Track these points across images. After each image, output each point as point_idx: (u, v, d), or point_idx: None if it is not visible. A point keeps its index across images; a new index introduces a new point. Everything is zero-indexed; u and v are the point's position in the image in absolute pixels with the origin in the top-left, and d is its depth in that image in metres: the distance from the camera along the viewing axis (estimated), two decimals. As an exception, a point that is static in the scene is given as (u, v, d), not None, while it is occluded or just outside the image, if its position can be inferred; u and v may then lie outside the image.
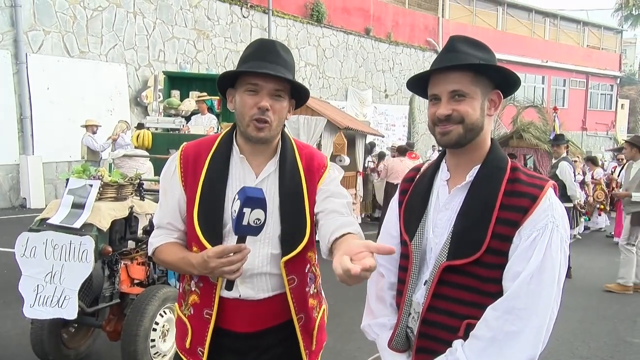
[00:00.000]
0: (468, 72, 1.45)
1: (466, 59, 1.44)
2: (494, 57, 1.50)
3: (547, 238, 1.37)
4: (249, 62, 1.54)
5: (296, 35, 17.32)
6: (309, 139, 8.31)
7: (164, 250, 1.65)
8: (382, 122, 20.20)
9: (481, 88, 1.47)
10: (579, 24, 30.39)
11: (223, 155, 1.62)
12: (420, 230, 1.54)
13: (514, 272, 1.37)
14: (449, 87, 1.45)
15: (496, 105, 1.52)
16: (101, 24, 12.33)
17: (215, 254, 1.42)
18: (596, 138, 31.12)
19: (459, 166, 1.54)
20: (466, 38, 1.51)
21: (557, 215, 1.40)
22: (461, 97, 1.45)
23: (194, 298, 1.65)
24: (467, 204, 1.47)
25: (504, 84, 1.52)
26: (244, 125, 1.56)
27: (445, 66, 1.46)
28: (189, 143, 1.68)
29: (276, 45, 1.59)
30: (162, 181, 1.69)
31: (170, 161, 1.67)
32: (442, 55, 1.50)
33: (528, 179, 1.46)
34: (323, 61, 18.33)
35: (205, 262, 1.44)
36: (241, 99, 1.55)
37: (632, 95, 35.60)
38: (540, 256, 1.35)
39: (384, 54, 20.88)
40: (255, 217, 1.36)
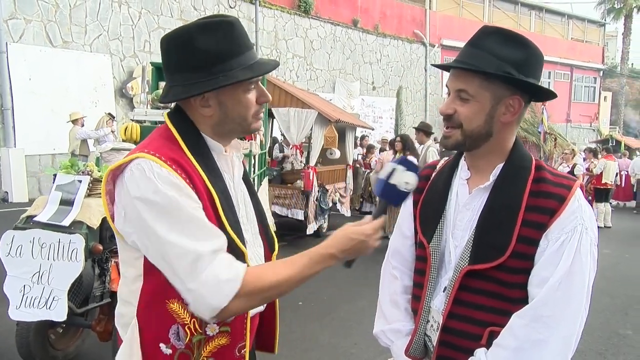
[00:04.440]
0: (478, 75, 1.35)
1: (481, 62, 1.33)
2: (531, 56, 1.37)
3: (576, 241, 1.30)
4: (239, 57, 1.30)
5: (283, 26, 17.13)
6: (299, 132, 8.20)
7: (262, 272, 1.28)
8: (369, 114, 20.13)
9: (492, 93, 1.36)
10: (563, 17, 30.56)
11: (205, 155, 1.35)
12: (438, 231, 1.46)
13: (542, 278, 1.30)
14: (456, 85, 1.38)
15: (515, 111, 1.39)
16: (85, 13, 12.04)
17: (375, 230, 1.34)
18: (580, 130, 31.41)
19: (480, 165, 1.46)
20: (498, 30, 1.38)
21: (586, 217, 1.33)
22: (466, 99, 1.37)
23: (218, 343, 1.34)
24: (490, 205, 1.39)
25: (528, 90, 1.40)
26: (247, 124, 1.37)
27: (453, 66, 1.38)
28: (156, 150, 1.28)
29: (241, 25, 1.36)
30: (180, 198, 1.22)
31: (165, 175, 1.23)
32: (464, 48, 1.41)
33: (554, 179, 1.38)
34: (311, 53, 18.18)
35: (362, 243, 1.32)
36: (240, 100, 1.34)
37: (614, 88, 35.98)
38: (569, 261, 1.28)
39: (372, 46, 20.78)
40: (406, 179, 1.34)
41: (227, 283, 1.20)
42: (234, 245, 1.29)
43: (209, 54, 1.28)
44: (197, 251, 1.19)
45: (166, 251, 1.20)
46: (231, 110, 1.35)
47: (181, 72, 1.31)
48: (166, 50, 1.34)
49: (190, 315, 1.27)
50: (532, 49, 1.37)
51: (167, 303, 1.28)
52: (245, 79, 1.30)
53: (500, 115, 1.38)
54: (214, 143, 1.38)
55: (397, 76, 21.92)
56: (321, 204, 8.64)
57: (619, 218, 12.49)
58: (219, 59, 1.29)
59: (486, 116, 1.37)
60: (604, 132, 31.74)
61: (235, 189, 1.42)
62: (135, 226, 1.24)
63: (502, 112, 1.38)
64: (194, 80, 1.29)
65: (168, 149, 1.29)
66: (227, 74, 1.28)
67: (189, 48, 1.28)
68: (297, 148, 9.52)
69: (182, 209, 1.21)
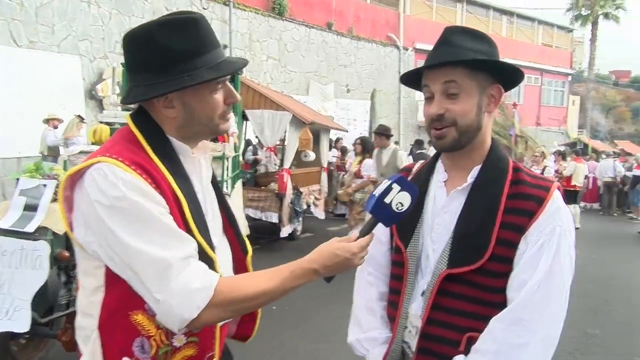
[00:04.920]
0: (462, 68, 1.34)
1: (461, 54, 1.34)
2: (494, 48, 1.40)
3: (554, 244, 1.29)
4: (205, 56, 1.24)
5: (257, 28, 17.03)
6: (273, 134, 8.15)
7: (238, 283, 1.24)
8: (343, 116, 20.15)
9: (478, 83, 1.36)
10: (533, 22, 31.18)
11: (171, 157, 1.28)
12: (416, 236, 1.44)
13: (520, 281, 1.29)
14: (441, 80, 1.35)
15: (496, 101, 1.41)
16: (52, 13, 11.73)
17: (362, 248, 1.27)
18: (549, 133, 32.05)
19: (458, 167, 1.44)
20: (463, 28, 1.40)
21: (565, 218, 1.33)
22: (455, 95, 1.34)
23: (186, 354, 1.27)
24: (468, 207, 1.37)
25: (505, 77, 1.41)
26: (214, 125, 1.30)
27: (435, 64, 1.36)
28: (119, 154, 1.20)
29: (206, 21, 1.29)
30: (145, 203, 1.15)
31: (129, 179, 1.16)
32: (435, 49, 1.39)
33: (532, 180, 1.38)
34: (285, 55, 18.11)
35: (346, 260, 1.25)
36: (206, 100, 1.26)
37: (582, 92, 36.91)
38: (548, 263, 1.28)
39: (346, 49, 20.83)
40: (400, 200, 1.28)
41: (198, 292, 1.14)
42: (202, 252, 1.22)
43: (172, 53, 1.22)
44: (166, 259, 1.13)
45: (132, 260, 1.14)
46: (197, 111, 1.28)
47: (143, 71, 1.24)
48: (128, 49, 1.27)
49: (156, 327, 1.21)
50: (493, 44, 1.40)
51: (131, 315, 1.21)
52: (210, 78, 1.24)
53: (486, 107, 1.39)
54: (180, 145, 1.31)
55: (371, 79, 22.03)
56: (295, 207, 8.60)
57: (586, 220, 12.77)
58: (183, 58, 1.22)
59: (477, 108, 1.37)
60: (572, 135, 32.55)
61: (204, 192, 1.36)
62: (97, 234, 1.16)
63: (486, 103, 1.39)
64: (157, 81, 1.23)
65: (131, 152, 1.22)
66: (192, 73, 1.22)
67: (151, 46, 1.22)
68: (271, 150, 9.46)
69: (149, 215, 1.15)
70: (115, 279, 1.19)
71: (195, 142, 1.36)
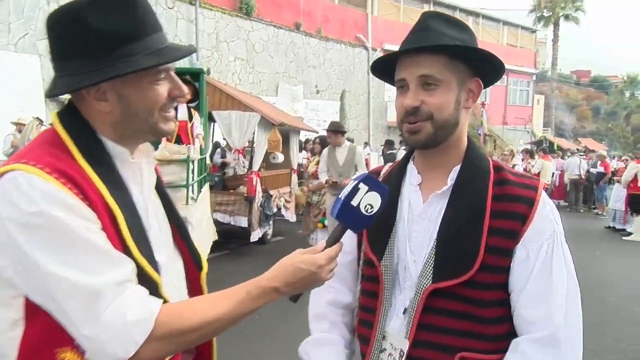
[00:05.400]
0: (442, 56, 1.21)
1: (440, 40, 1.20)
2: (474, 39, 1.27)
3: (560, 248, 1.21)
4: (144, 40, 1.06)
5: (225, 28, 16.76)
6: (241, 136, 7.95)
7: (184, 310, 1.06)
8: (313, 118, 20.02)
9: (457, 75, 1.23)
10: (498, 23, 31.70)
11: (105, 162, 1.09)
12: (390, 247, 1.29)
13: (538, 296, 1.18)
14: (418, 71, 1.21)
15: (475, 97, 1.28)
16: (8, 11, 11.25)
17: (330, 259, 1.11)
18: (515, 132, 32.64)
19: (433, 168, 1.31)
20: (441, 15, 1.27)
21: (557, 216, 1.25)
22: (433, 86, 1.21)
23: None
24: (450, 212, 1.24)
25: (486, 70, 1.28)
26: (153, 121, 1.11)
27: (413, 48, 1.21)
28: (38, 160, 1.01)
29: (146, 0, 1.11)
30: (69, 219, 0.96)
31: (49, 190, 0.97)
32: (412, 34, 1.26)
33: (517, 179, 1.26)
34: (253, 55, 17.88)
35: (312, 275, 1.09)
36: (145, 92, 1.09)
37: (546, 92, 37.80)
38: (564, 273, 1.20)
39: (315, 49, 20.73)
40: (369, 201, 1.14)
41: (136, 325, 0.96)
42: (143, 274, 1.03)
43: (104, 35, 1.03)
44: (94, 286, 0.94)
45: (53, 289, 0.94)
46: (134, 103, 1.09)
47: (71, 58, 1.05)
48: (52, 32, 1.07)
49: None
50: (473, 34, 1.29)
51: (58, 352, 1.00)
52: (150, 65, 1.05)
53: (464, 102, 1.27)
54: (115, 147, 1.12)
55: (341, 80, 21.99)
56: (265, 210, 8.41)
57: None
58: (117, 42, 1.04)
59: (455, 102, 1.24)
60: (537, 133, 33.26)
61: (146, 202, 1.16)
62: (10, 257, 0.96)
63: (465, 98, 1.27)
64: (87, 69, 1.04)
65: (53, 156, 1.02)
66: (128, 59, 1.04)
67: (79, 28, 1.03)
68: (240, 152, 9.25)
69: (73, 233, 0.96)
70: (37, 311, 0.99)
71: (134, 143, 1.17)
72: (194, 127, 5.65)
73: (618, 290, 6.80)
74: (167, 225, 1.24)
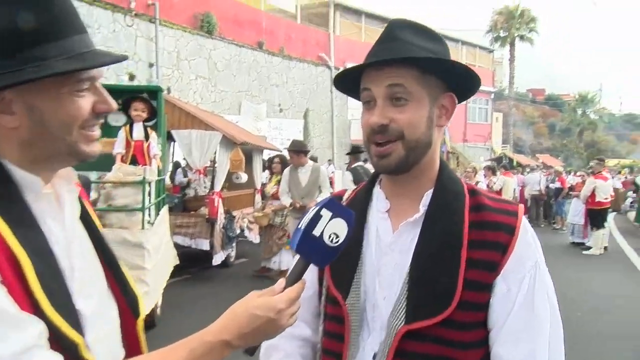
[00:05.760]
0: (412, 68, 1.07)
1: (410, 51, 1.07)
2: (447, 49, 1.14)
3: (543, 280, 1.10)
4: (63, 41, 0.87)
5: (185, 46, 16.51)
6: (202, 155, 7.71)
7: None
8: (277, 136, 19.89)
9: (429, 90, 1.10)
10: (457, 43, 32.51)
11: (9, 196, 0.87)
12: (356, 282, 1.13)
13: (520, 333, 1.07)
14: (386, 82, 1.07)
15: (448, 114, 1.15)
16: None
17: (291, 302, 0.94)
18: (475, 149, 33.34)
19: (403, 193, 1.16)
20: (410, 23, 1.14)
21: (539, 245, 1.13)
22: (403, 101, 1.07)
23: None
24: (424, 243, 1.10)
25: (460, 85, 1.16)
26: (71, 140, 0.91)
27: (381, 60, 1.08)
28: None
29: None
30: None
31: None
32: (378, 45, 1.12)
33: (495, 204, 1.13)
34: (215, 74, 17.66)
35: (270, 323, 0.92)
36: (63, 104, 0.89)
37: (504, 109, 38.87)
38: (547, 308, 1.09)
39: (277, 68, 20.68)
40: (334, 229, 0.97)
41: None
42: (59, 334, 0.83)
43: (10, 34, 0.83)
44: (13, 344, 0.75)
45: None
46: (49, 119, 0.88)
47: None
48: None
49: None
50: (446, 45, 1.16)
51: None
52: (68, 70, 0.86)
53: (437, 119, 1.13)
54: (24, 176, 0.89)
55: (304, 98, 21.98)
56: (228, 232, 8.16)
57: (516, 232, 13.09)
58: (27, 42, 0.84)
59: (427, 120, 1.11)
60: (497, 150, 34.08)
61: (69, 239, 0.95)
62: None
63: (437, 115, 1.14)
64: None
65: None
66: (40, 63, 0.84)
67: None
68: (201, 173, 8.99)
69: None
70: None
71: (50, 168, 0.95)
72: (150, 147, 5.39)
73: (581, 305, 6.84)
74: (98, 263, 1.03)
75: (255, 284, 7.54)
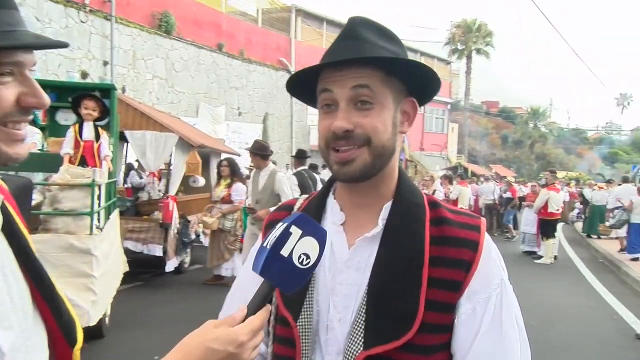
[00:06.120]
0: (378, 70, 0.99)
1: (375, 51, 0.98)
2: (405, 51, 1.06)
3: (509, 300, 1.03)
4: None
5: (142, 45, 16.06)
6: (157, 157, 7.44)
7: None
8: (235, 140, 19.61)
9: (393, 94, 1.02)
10: (416, 54, 33.05)
11: None
12: (308, 301, 1.03)
13: (489, 358, 1.00)
14: (351, 83, 0.98)
15: (410, 120, 1.07)
16: None
17: (253, 333, 0.81)
18: (432, 158, 33.95)
19: (360, 205, 1.07)
20: (372, 22, 1.04)
21: (502, 261, 1.07)
22: (368, 105, 0.98)
23: None
24: (383, 260, 1.01)
25: (422, 89, 1.08)
26: None
27: (347, 59, 0.98)
28: None
29: None
30: None
31: None
32: (339, 43, 1.02)
33: (457, 218, 1.05)
34: (173, 75, 17.25)
35: (230, 358, 0.79)
36: None
37: (459, 120, 39.84)
38: (516, 330, 1.02)
39: (237, 71, 20.43)
40: (304, 249, 0.86)
41: None
42: None
43: None
44: None
45: None
46: None
47: None
48: None
49: None
50: (404, 46, 1.08)
51: None
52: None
53: (400, 125, 1.05)
54: None
55: (264, 102, 21.80)
56: (182, 237, 7.91)
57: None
58: None
59: (392, 125, 1.02)
60: (452, 160, 34.84)
61: None
62: None
63: (400, 121, 1.06)
64: None
65: None
66: None
67: None
68: (155, 175, 8.68)
69: None
70: None
71: None
72: (101, 147, 5.13)
73: (535, 314, 6.96)
74: (23, 284, 0.86)
75: (210, 292, 7.31)
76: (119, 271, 5.65)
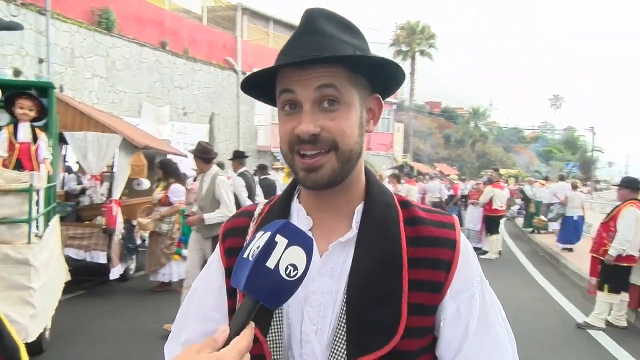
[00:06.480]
0: (343, 68, 0.92)
1: (341, 48, 0.92)
2: (367, 45, 1.00)
3: (491, 297, 1.03)
4: None
5: (81, 43, 15.35)
6: (99, 159, 7.10)
7: None
8: (180, 141, 19.12)
9: (359, 92, 0.96)
10: (362, 54, 33.53)
11: None
12: (278, 314, 0.96)
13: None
14: (315, 83, 0.91)
15: (376, 118, 1.02)
16: None
17: (239, 355, 0.73)
18: (378, 157, 34.42)
19: (330, 209, 1.01)
20: (332, 14, 0.97)
21: (477, 259, 1.05)
22: (336, 105, 0.92)
23: None
24: (360, 265, 0.95)
25: (386, 85, 1.03)
26: None
27: (306, 59, 0.90)
28: None
29: None
30: None
31: None
32: (299, 39, 0.94)
33: (430, 216, 1.02)
34: (113, 73, 16.60)
35: None
36: None
37: (404, 120, 40.63)
38: (503, 326, 1.02)
39: (182, 70, 19.92)
40: (291, 260, 0.78)
41: None
42: None
43: None
44: None
45: None
46: None
47: None
48: None
49: None
50: (365, 39, 1.02)
51: None
52: None
53: (365, 124, 1.00)
54: None
55: (210, 102, 21.38)
56: (127, 243, 7.59)
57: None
58: None
59: (359, 127, 0.97)
60: (398, 159, 35.47)
61: None
62: None
63: (366, 120, 1.00)
64: None
65: None
66: None
67: None
68: (97, 179, 8.28)
69: None
70: None
71: None
72: (39, 150, 4.81)
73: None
74: None
75: (158, 298, 7.06)
76: (60, 281, 5.33)
